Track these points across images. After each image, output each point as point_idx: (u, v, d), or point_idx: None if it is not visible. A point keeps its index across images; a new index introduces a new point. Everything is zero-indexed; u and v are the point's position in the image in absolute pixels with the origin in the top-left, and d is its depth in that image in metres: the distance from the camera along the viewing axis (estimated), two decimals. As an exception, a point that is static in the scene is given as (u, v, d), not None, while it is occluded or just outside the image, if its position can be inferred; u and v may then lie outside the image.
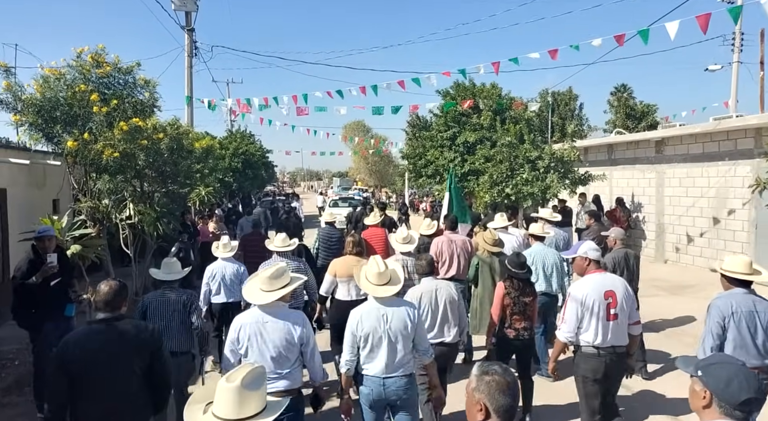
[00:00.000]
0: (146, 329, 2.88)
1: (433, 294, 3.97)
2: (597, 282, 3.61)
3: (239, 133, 26.42)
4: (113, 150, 6.44)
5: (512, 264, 4.44)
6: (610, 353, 3.56)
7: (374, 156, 50.97)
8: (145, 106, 7.18)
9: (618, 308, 3.56)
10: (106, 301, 2.78)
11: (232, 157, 23.32)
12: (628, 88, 24.33)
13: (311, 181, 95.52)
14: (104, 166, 6.62)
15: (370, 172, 54.21)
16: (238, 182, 23.37)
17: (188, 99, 15.80)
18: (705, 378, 1.70)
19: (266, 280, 3.05)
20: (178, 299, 4.06)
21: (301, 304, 5.15)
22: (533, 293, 4.50)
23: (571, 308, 3.60)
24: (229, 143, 24.31)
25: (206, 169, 13.20)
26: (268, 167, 28.37)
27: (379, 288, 3.22)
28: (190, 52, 15.86)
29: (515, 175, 12.46)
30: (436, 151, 17.08)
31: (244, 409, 1.88)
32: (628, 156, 13.29)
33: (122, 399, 2.68)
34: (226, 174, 21.86)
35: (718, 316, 3.22)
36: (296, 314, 3.22)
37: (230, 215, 16.07)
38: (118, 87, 6.94)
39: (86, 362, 2.62)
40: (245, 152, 24.09)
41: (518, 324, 4.37)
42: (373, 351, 3.16)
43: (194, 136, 13.50)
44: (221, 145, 23.40)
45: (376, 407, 3.23)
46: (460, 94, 17.05)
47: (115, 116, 6.71)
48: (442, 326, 3.99)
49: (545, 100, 17.48)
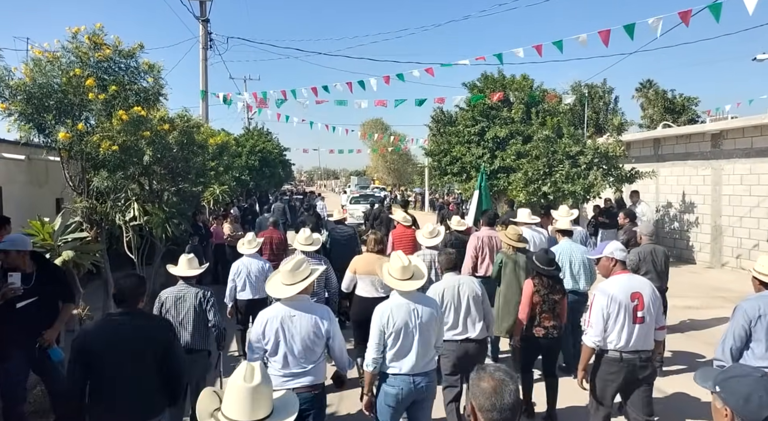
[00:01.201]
0: (160, 323, 2.99)
1: (455, 290, 3.88)
2: (623, 283, 3.47)
3: (256, 131, 25.75)
4: (111, 143, 5.63)
5: (540, 261, 4.32)
6: (634, 359, 3.40)
7: (393, 154, 50.28)
8: (149, 94, 6.35)
9: (645, 311, 3.40)
10: (125, 295, 2.83)
11: (249, 154, 22.64)
12: (653, 84, 22.91)
13: (328, 180, 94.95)
14: (102, 161, 5.80)
15: (389, 170, 53.54)
16: (255, 181, 22.67)
17: (203, 93, 15.08)
18: (723, 394, 1.61)
19: (287, 274, 3.03)
20: (194, 295, 4.03)
21: (322, 300, 4.99)
22: (562, 291, 4.40)
23: (597, 311, 3.44)
24: (246, 141, 23.64)
25: (221, 166, 12.44)
26: (285, 165, 27.64)
27: (404, 283, 3.18)
28: (204, 44, 15.12)
29: (553, 172, 11.43)
30: (462, 148, 16.07)
31: (256, 411, 1.84)
32: (678, 151, 12.11)
33: (136, 391, 2.72)
34: (242, 172, 21.21)
35: (743, 319, 3.08)
36: (322, 307, 3.18)
37: (246, 215, 15.28)
38: (118, 72, 6.13)
39: (102, 353, 2.69)
40: (262, 150, 23.37)
41: (547, 322, 4.27)
42: (404, 347, 3.09)
43: (208, 132, 12.88)
44: (237, 142, 22.79)
45: (401, 407, 3.16)
46: (489, 86, 16.00)
47: (114, 105, 5.90)
48: (465, 322, 3.89)
49: (580, 92, 16.33)
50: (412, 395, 3.11)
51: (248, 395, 1.82)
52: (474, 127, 15.68)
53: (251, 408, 1.82)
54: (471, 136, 15.79)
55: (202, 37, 15.05)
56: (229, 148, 14.16)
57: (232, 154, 14.56)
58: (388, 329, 3.07)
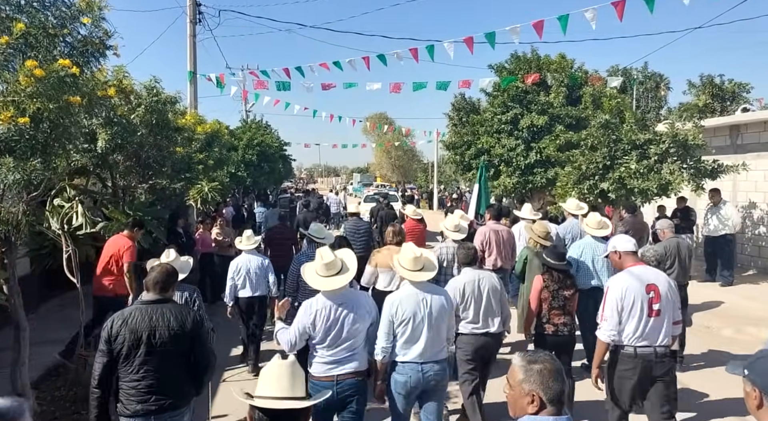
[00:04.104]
0: (189, 313, 2.91)
1: (476, 284, 3.91)
2: (637, 275, 3.37)
3: (255, 123, 23.60)
4: (15, 112, 3.55)
5: (551, 255, 4.36)
6: (650, 354, 3.27)
7: (398, 150, 48.24)
8: (88, 45, 4.26)
9: (661, 304, 3.30)
10: (156, 282, 2.86)
11: (246, 148, 20.50)
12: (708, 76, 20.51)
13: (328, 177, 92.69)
14: (4, 141, 3.69)
15: (393, 167, 51.51)
16: (253, 177, 20.53)
17: (191, 75, 12.94)
18: (751, 376, 1.58)
19: (323, 266, 3.09)
20: (180, 295, 3.99)
21: None
22: (573, 286, 4.36)
23: (611, 304, 3.34)
24: (243, 133, 21.51)
25: (211, 159, 10.32)
26: (285, 161, 25.43)
27: (415, 273, 3.25)
28: (193, 18, 12.99)
29: (616, 165, 9.32)
30: (491, 138, 13.95)
31: (295, 389, 1.81)
32: (764, 140, 10.00)
33: (165, 379, 2.74)
34: (238, 167, 19.09)
35: None
36: (364, 295, 3.36)
37: (239, 218, 13.01)
38: (32, 8, 4.03)
39: (130, 340, 2.69)
40: (261, 143, 21.22)
41: (557, 319, 4.21)
42: (413, 336, 3.17)
43: (195, 118, 10.80)
44: (234, 135, 20.65)
45: (411, 395, 3.21)
46: (521, 67, 13.87)
47: (30, 57, 3.81)
48: (486, 316, 3.92)
49: (628, 75, 14.20)
50: (420, 383, 3.18)
51: (287, 370, 1.82)
52: (505, 115, 13.56)
53: (290, 384, 1.79)
54: (501, 125, 13.68)
55: (189, 9, 12.92)
56: (220, 137, 12.10)
57: (224, 145, 12.46)
58: (397, 318, 3.16)
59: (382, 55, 9.75)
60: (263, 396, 1.76)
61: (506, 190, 13.62)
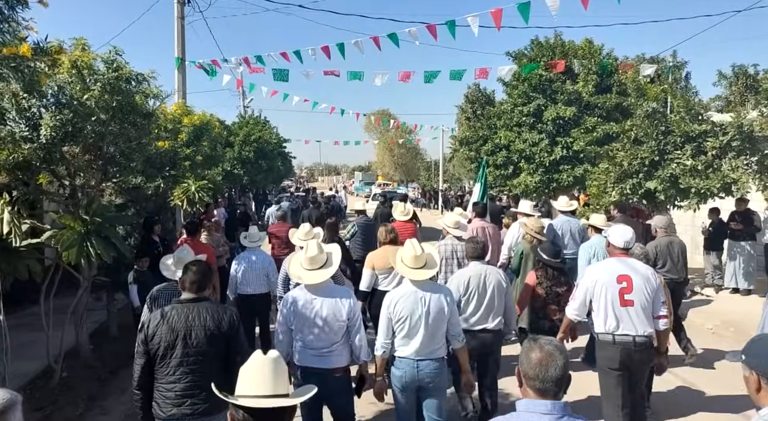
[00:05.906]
0: (226, 312, 2.84)
1: (481, 278, 3.90)
2: (610, 265, 3.55)
3: (252, 118, 22.31)
4: None
5: (546, 252, 4.40)
6: (628, 342, 3.41)
7: (400, 148, 46.95)
8: None
9: (634, 295, 3.41)
10: (192, 281, 2.81)
11: (243, 144, 19.21)
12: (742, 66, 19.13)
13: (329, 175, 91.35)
14: None
15: (395, 165, 50.26)
16: (250, 175, 19.25)
17: (179, 61, 11.63)
18: (748, 360, 1.63)
19: (308, 260, 3.11)
20: None
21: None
22: (567, 283, 4.38)
23: (581, 289, 3.60)
24: (239, 129, 20.22)
25: (199, 155, 9.06)
26: (285, 158, 24.12)
27: (415, 271, 3.25)
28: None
29: (666, 161, 8.05)
30: (510, 133, 12.67)
31: (278, 386, 1.70)
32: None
33: (199, 382, 2.67)
34: (234, 165, 17.83)
35: None
36: (343, 289, 3.37)
37: (233, 220, 11.69)
38: None
39: (167, 340, 2.67)
40: (258, 140, 19.93)
41: (554, 315, 4.25)
42: (410, 334, 3.19)
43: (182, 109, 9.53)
44: (230, 130, 19.39)
45: (407, 390, 3.25)
46: (544, 54, 12.59)
47: None
48: (487, 312, 3.92)
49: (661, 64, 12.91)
50: (415, 379, 3.20)
51: (269, 365, 1.71)
52: (527, 106, 12.28)
53: (273, 381, 1.68)
54: (522, 118, 12.39)
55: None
56: (210, 131, 10.82)
57: (215, 139, 11.18)
58: (395, 316, 3.18)
59: (393, 35, 8.46)
60: (246, 395, 1.66)
61: (527, 189, 12.32)
